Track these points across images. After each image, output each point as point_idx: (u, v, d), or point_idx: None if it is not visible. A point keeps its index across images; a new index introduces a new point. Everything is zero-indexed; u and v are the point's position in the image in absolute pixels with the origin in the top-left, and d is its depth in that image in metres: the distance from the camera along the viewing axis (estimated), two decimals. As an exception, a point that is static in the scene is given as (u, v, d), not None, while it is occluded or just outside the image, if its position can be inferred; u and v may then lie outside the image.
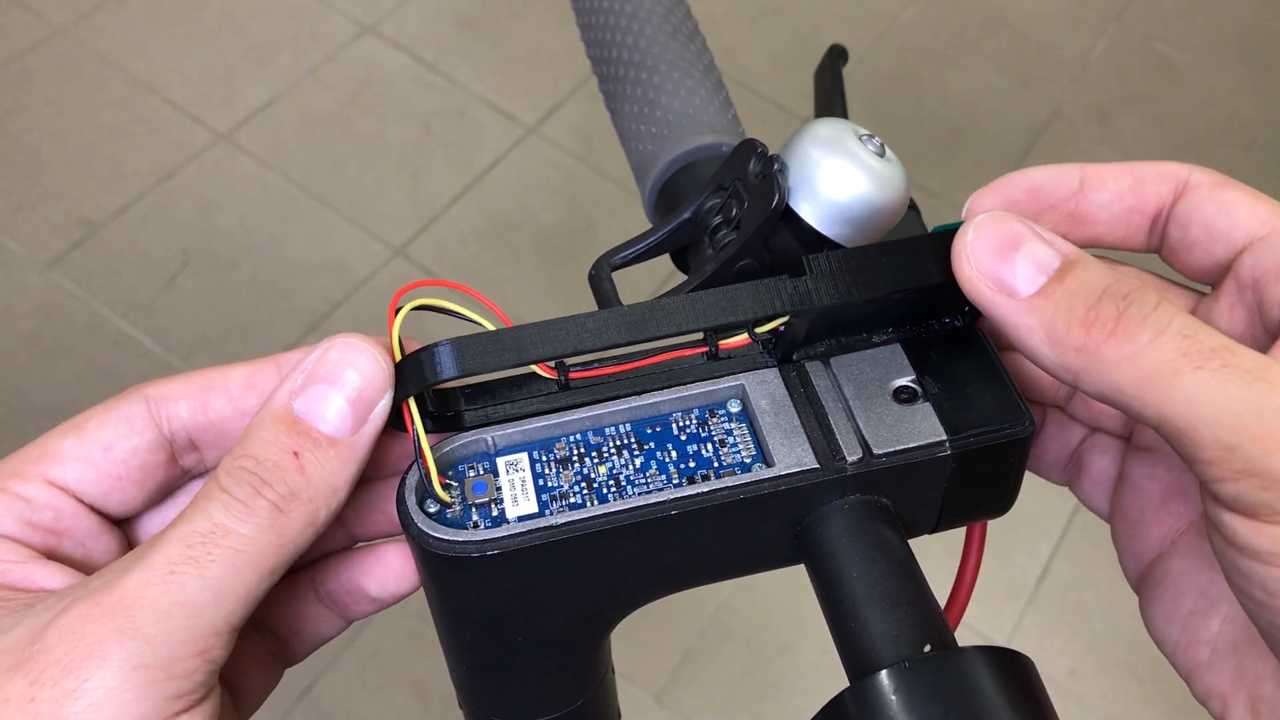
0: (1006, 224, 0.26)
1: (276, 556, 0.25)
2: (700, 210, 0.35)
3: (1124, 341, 0.23)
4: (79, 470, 0.27)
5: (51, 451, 0.27)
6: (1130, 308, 0.24)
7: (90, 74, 1.57)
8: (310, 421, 0.26)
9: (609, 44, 0.43)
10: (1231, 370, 0.22)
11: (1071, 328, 0.24)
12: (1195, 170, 0.29)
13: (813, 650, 1.21)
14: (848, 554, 0.27)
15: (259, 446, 0.25)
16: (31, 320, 1.35)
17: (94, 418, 0.27)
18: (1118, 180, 0.29)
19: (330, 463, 0.26)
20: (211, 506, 0.25)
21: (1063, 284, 0.25)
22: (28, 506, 0.27)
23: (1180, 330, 0.23)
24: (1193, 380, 0.22)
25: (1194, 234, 0.28)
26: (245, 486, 0.25)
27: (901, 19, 1.80)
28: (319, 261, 1.43)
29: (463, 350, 0.26)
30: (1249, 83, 1.80)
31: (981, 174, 1.62)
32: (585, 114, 1.61)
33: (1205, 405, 0.22)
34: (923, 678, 0.23)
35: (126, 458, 0.28)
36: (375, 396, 0.26)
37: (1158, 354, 0.23)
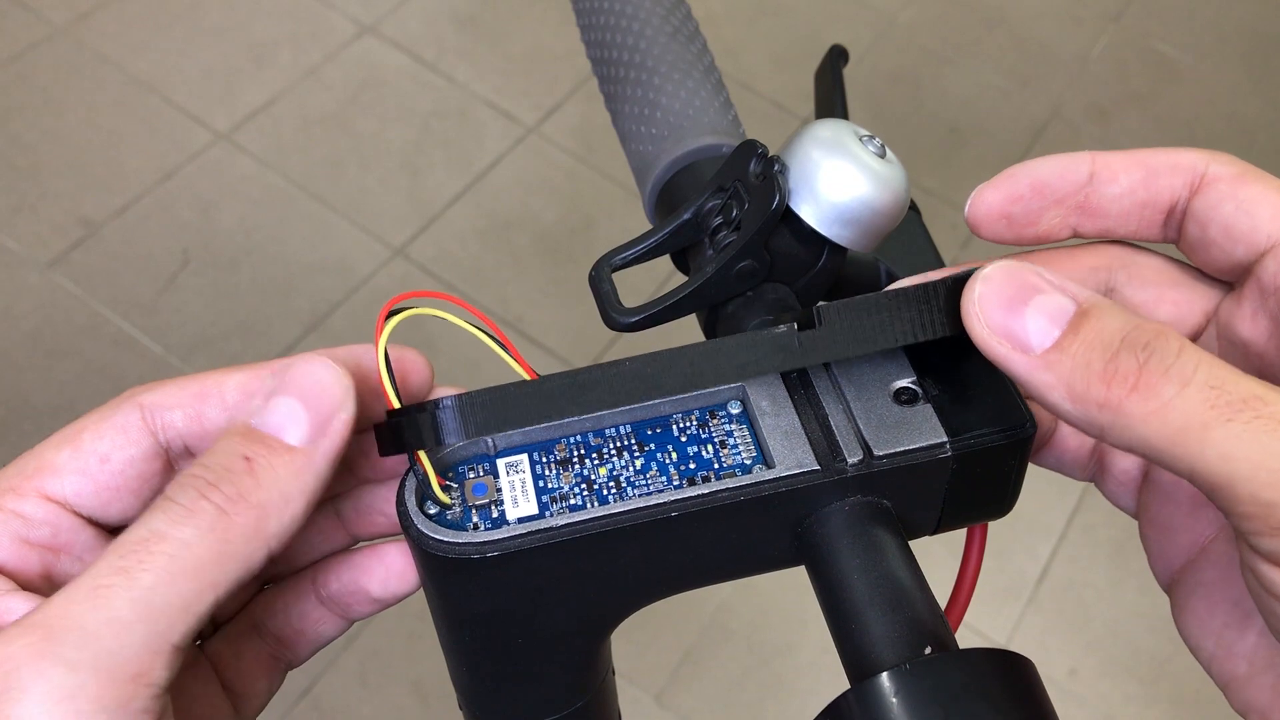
0: (1015, 275, 0.25)
1: (219, 566, 0.23)
2: (701, 211, 0.35)
3: (1148, 396, 0.22)
4: (76, 483, 0.26)
5: (47, 465, 0.26)
6: (1151, 359, 0.22)
7: (90, 74, 1.57)
8: (266, 430, 0.25)
9: (609, 45, 0.43)
10: (1265, 422, 0.21)
11: (1092, 383, 0.23)
12: (1213, 161, 0.27)
13: (813, 651, 1.21)
14: (848, 555, 0.27)
15: (211, 456, 0.24)
16: (31, 320, 1.35)
17: (88, 428, 0.27)
18: (1129, 172, 0.28)
19: (283, 468, 0.24)
20: (151, 515, 0.23)
21: (1078, 336, 0.23)
22: (24, 524, 0.26)
23: (1207, 381, 0.22)
24: (1224, 434, 0.21)
25: (1212, 233, 0.27)
26: (190, 491, 0.23)
27: (901, 19, 1.80)
28: (319, 261, 1.43)
29: (466, 413, 0.25)
30: (1249, 83, 1.80)
31: (981, 173, 1.62)
32: (585, 114, 1.61)
33: (1240, 461, 0.21)
34: (923, 680, 0.23)
35: (124, 468, 0.27)
36: (332, 406, 0.25)
37: (1185, 407, 0.22)
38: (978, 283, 0.25)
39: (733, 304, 0.34)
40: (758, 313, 0.34)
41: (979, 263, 0.30)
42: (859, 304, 0.26)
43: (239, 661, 0.30)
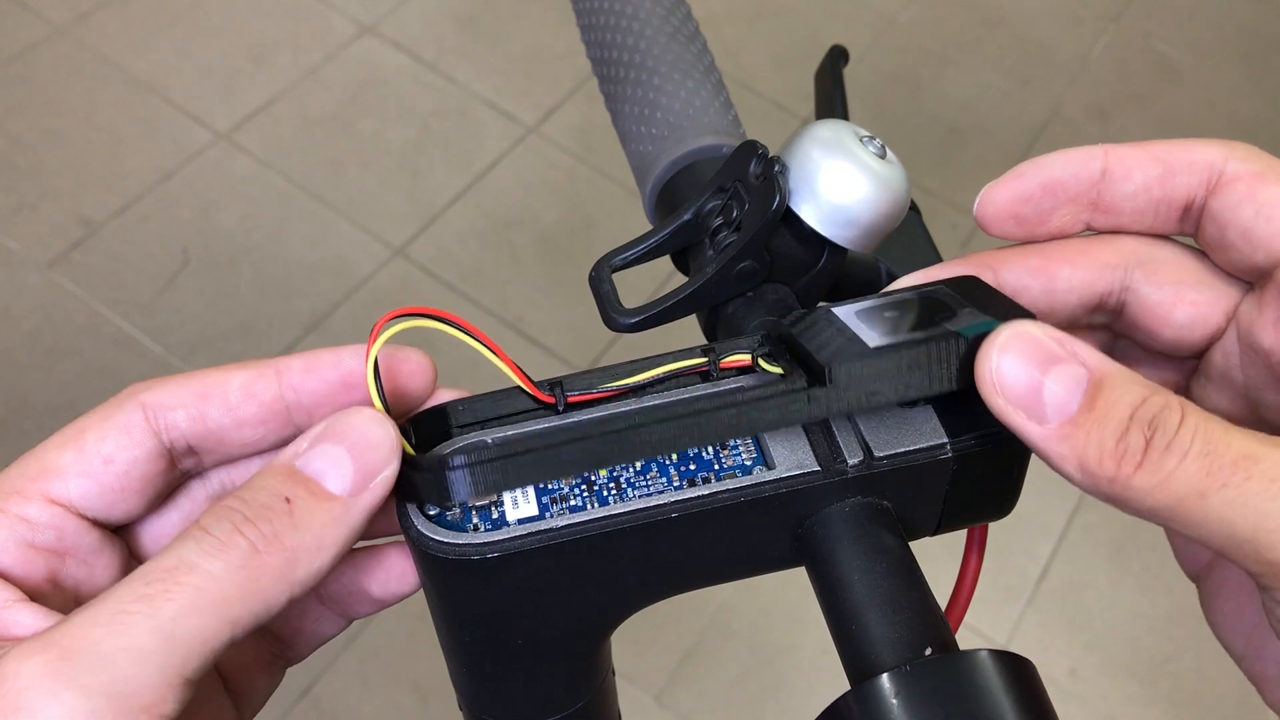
0: (1033, 346, 0.24)
1: (243, 604, 0.23)
2: (701, 211, 0.35)
3: (1152, 472, 0.23)
4: (81, 485, 0.26)
5: (51, 467, 0.26)
6: (1156, 435, 0.23)
7: (90, 74, 1.57)
8: (308, 473, 0.24)
9: (609, 45, 0.43)
10: (1257, 482, 0.22)
11: (1103, 461, 0.23)
12: (1232, 157, 0.27)
13: (813, 651, 1.21)
14: (848, 556, 0.27)
15: (251, 491, 0.24)
16: (31, 320, 1.35)
17: (90, 428, 0.26)
18: (1144, 169, 0.27)
19: (322, 515, 0.24)
20: (182, 544, 0.23)
21: (1093, 412, 0.23)
22: (29, 528, 0.26)
23: (1201, 450, 0.22)
24: (1220, 500, 0.22)
25: (1231, 237, 0.27)
26: (225, 524, 0.23)
27: (901, 19, 1.80)
28: (319, 261, 1.43)
29: (477, 475, 0.25)
30: (1249, 83, 1.80)
31: (982, 173, 1.62)
32: (585, 114, 1.61)
33: (1238, 524, 0.22)
34: (924, 681, 0.23)
35: (127, 469, 0.26)
36: (380, 464, 0.25)
37: (1184, 478, 0.22)
38: (994, 351, 0.25)
39: (733, 304, 0.34)
40: (758, 313, 0.33)
41: (978, 257, 0.30)
42: (871, 362, 0.26)
43: (239, 658, 0.30)
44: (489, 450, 0.25)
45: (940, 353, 0.26)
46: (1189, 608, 1.24)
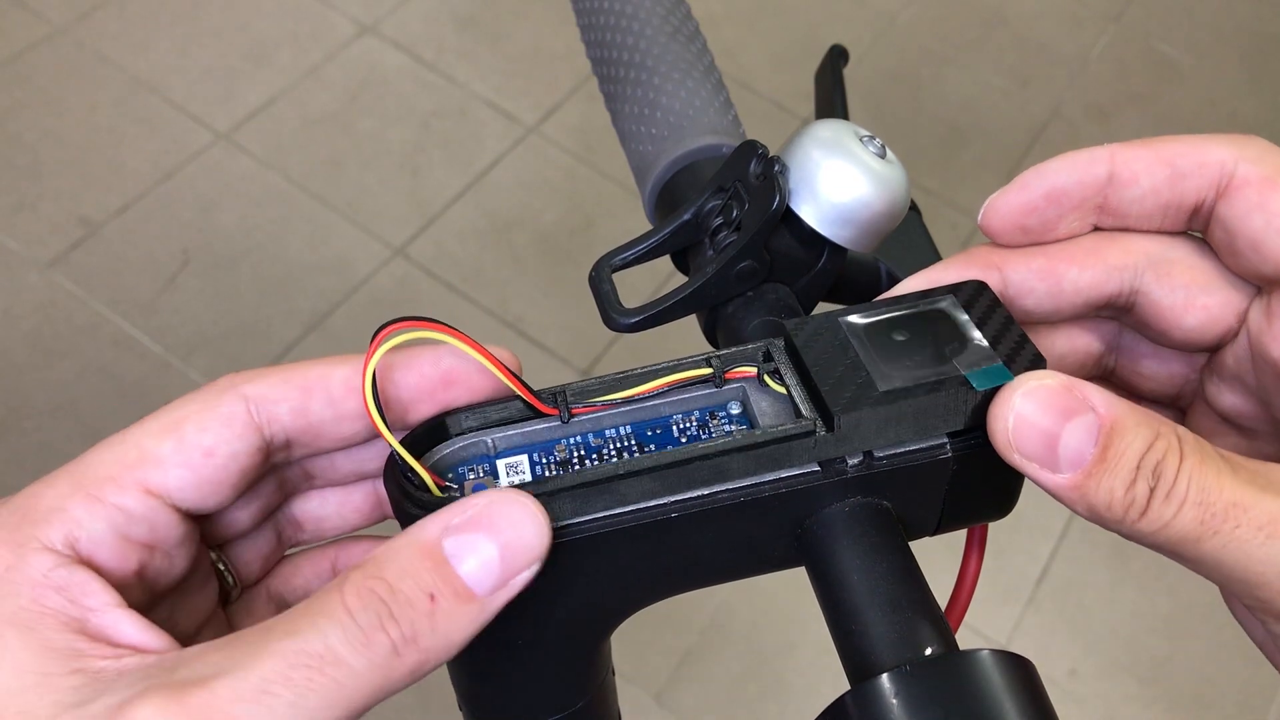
0: (1047, 402, 0.25)
1: (371, 698, 0.23)
2: (701, 211, 0.35)
3: (1154, 519, 0.24)
4: (180, 477, 0.25)
5: (149, 455, 0.25)
6: (1159, 485, 0.24)
7: (90, 74, 1.57)
8: (456, 567, 0.23)
9: (609, 45, 0.43)
10: (1244, 531, 0.23)
11: (1111, 508, 0.24)
12: (1243, 158, 0.26)
13: (813, 651, 1.21)
14: (848, 556, 0.27)
15: (397, 574, 0.23)
16: (31, 320, 1.35)
17: (190, 418, 0.25)
18: (1151, 173, 0.27)
19: (460, 618, 0.23)
20: (330, 627, 0.22)
21: (1104, 464, 0.24)
22: (126, 519, 0.25)
23: (1196, 499, 0.24)
24: (1212, 547, 0.24)
25: (1240, 245, 0.27)
26: (371, 615, 0.22)
27: (901, 19, 1.80)
28: (319, 261, 1.43)
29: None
30: (1249, 83, 1.80)
31: (981, 174, 1.62)
32: (585, 114, 1.61)
33: (1229, 567, 0.24)
34: (924, 681, 0.23)
35: (227, 463, 0.26)
36: (525, 565, 0.24)
37: (1180, 526, 0.24)
38: (1011, 411, 0.25)
39: (733, 304, 0.34)
40: (758, 313, 0.33)
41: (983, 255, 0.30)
42: (880, 409, 0.26)
43: (249, 621, 0.30)
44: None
45: (950, 402, 0.26)
46: (1189, 608, 1.24)
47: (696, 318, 0.36)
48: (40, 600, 0.23)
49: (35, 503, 0.24)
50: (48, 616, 0.23)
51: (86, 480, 0.25)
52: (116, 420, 1.37)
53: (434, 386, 0.27)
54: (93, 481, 0.25)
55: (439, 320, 0.26)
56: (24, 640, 0.22)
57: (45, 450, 1.25)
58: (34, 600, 0.23)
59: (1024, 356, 0.27)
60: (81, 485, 0.25)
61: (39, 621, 0.23)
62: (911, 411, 0.26)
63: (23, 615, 0.23)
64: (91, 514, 0.24)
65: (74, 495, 0.24)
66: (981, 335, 0.27)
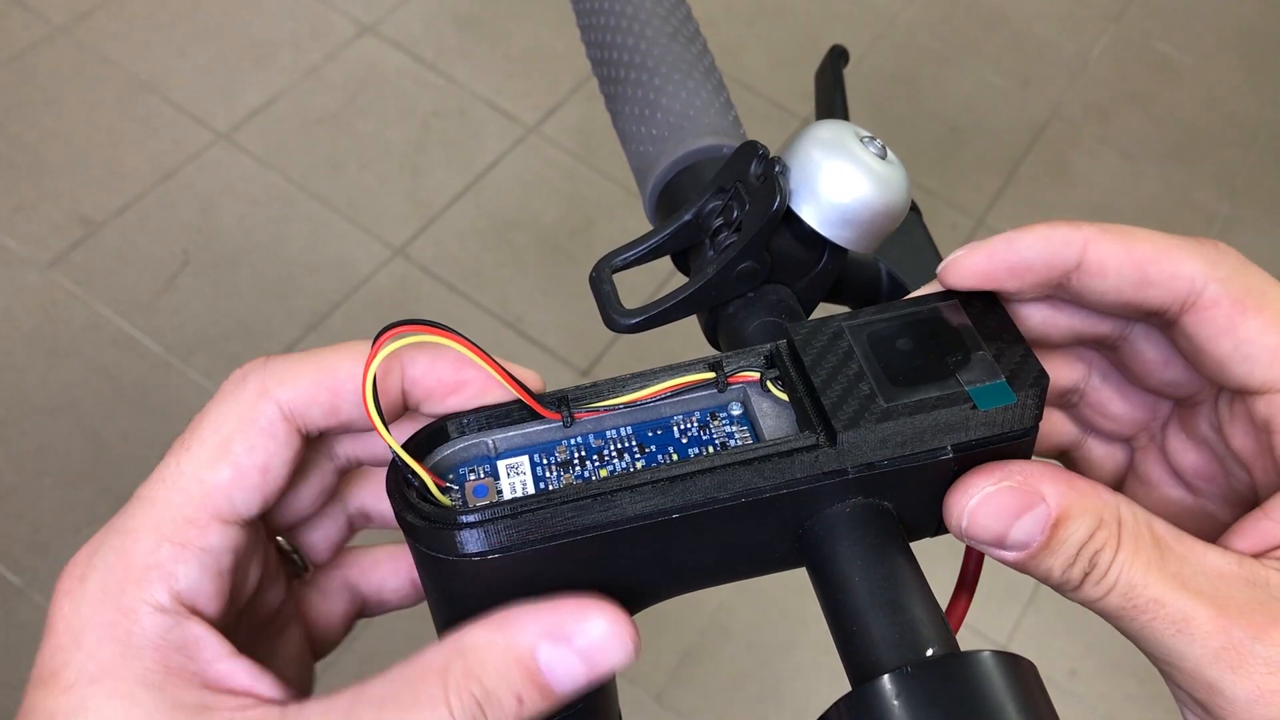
0: (1005, 499, 0.27)
1: None
2: (701, 212, 0.35)
3: (1083, 596, 0.27)
4: (246, 499, 0.27)
5: (212, 487, 0.26)
6: (1092, 571, 0.26)
7: (90, 74, 1.57)
8: (547, 679, 0.25)
9: (610, 45, 0.43)
10: (1159, 624, 0.26)
11: (1049, 579, 0.27)
12: (1213, 277, 0.27)
13: (813, 651, 1.21)
14: (849, 557, 0.27)
15: (494, 679, 0.25)
16: (31, 320, 1.35)
17: (236, 438, 0.27)
18: (1120, 272, 0.27)
19: (540, 709, 0.25)
20: (432, 717, 0.24)
21: (1048, 549, 0.27)
22: (212, 557, 0.26)
23: (1122, 590, 0.26)
24: (1133, 628, 0.26)
25: (1205, 361, 0.28)
26: (467, 714, 0.24)
27: (901, 19, 1.80)
28: (319, 261, 1.43)
29: (490, 531, 0.25)
30: (1249, 83, 1.80)
31: (981, 174, 1.63)
32: (585, 114, 1.61)
33: (1147, 648, 0.27)
34: (925, 682, 0.23)
35: (281, 472, 0.27)
36: (606, 673, 0.26)
37: (1106, 606, 0.27)
38: (967, 498, 0.27)
39: (734, 305, 0.34)
40: (759, 314, 0.33)
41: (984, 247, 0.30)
42: (881, 432, 0.26)
43: (323, 604, 0.32)
44: (501, 507, 0.25)
45: (953, 419, 0.26)
46: (1189, 608, 1.24)
47: (697, 318, 0.36)
48: (164, 661, 0.25)
49: (128, 559, 0.26)
50: (173, 675, 0.25)
51: (166, 527, 0.26)
52: (116, 420, 1.36)
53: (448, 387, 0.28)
54: (172, 527, 0.26)
55: (440, 324, 0.26)
56: (156, 700, 0.24)
57: (45, 450, 1.25)
58: (157, 662, 0.25)
59: (1027, 373, 0.27)
60: (164, 534, 0.26)
61: (166, 681, 0.24)
62: (913, 428, 0.26)
63: (150, 676, 0.24)
64: (184, 562, 0.26)
65: (161, 546, 0.26)
66: (986, 348, 0.27)
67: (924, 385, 0.27)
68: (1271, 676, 0.25)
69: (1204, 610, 0.25)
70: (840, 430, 0.26)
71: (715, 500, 0.26)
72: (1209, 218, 1.64)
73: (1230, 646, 0.25)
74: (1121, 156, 1.67)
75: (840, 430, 0.26)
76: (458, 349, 0.26)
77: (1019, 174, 1.62)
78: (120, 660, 0.24)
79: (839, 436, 0.26)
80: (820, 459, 0.26)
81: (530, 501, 0.25)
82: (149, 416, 1.28)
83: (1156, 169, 1.67)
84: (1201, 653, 0.25)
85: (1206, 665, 0.25)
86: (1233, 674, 0.25)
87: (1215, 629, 0.25)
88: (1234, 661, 0.25)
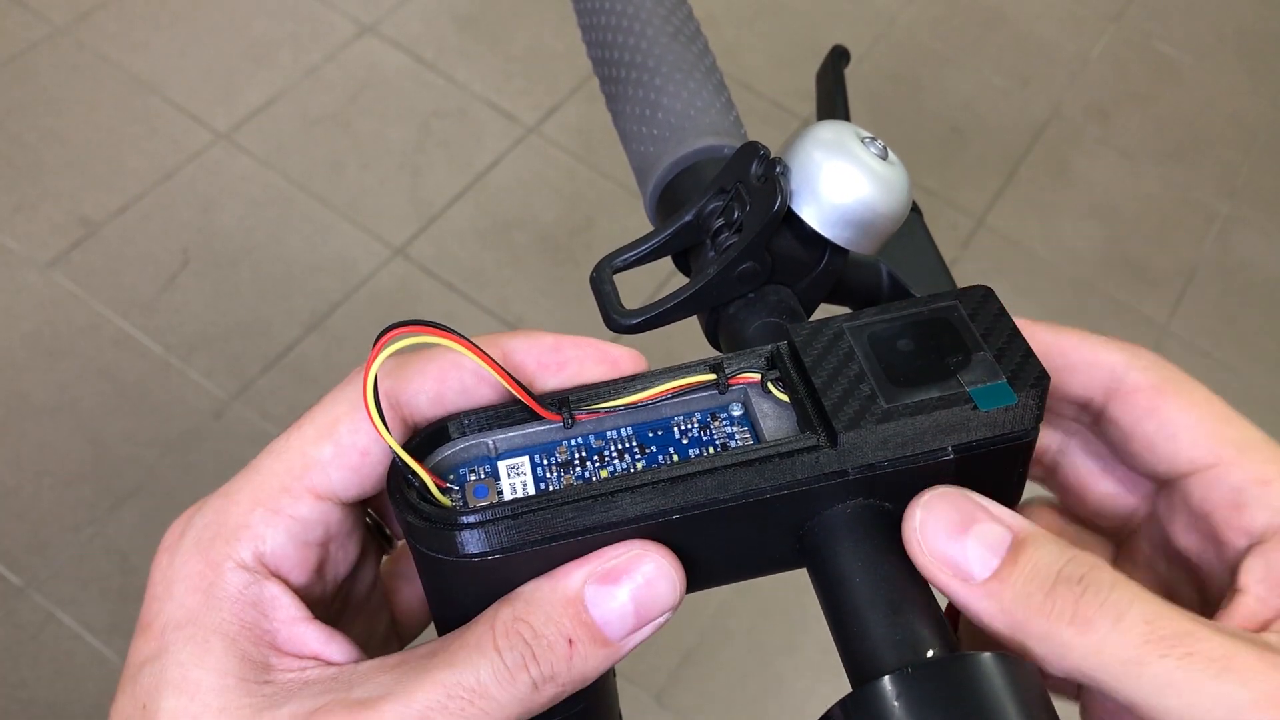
0: (955, 503, 0.26)
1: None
2: (702, 212, 0.35)
3: (1084, 630, 0.23)
4: (343, 479, 0.27)
5: (312, 461, 0.27)
6: (1087, 593, 0.23)
7: (90, 74, 1.57)
8: (594, 615, 0.26)
9: (610, 45, 0.43)
10: (1196, 660, 0.22)
11: (1030, 615, 0.24)
12: (1133, 366, 0.27)
13: (813, 651, 1.21)
14: (850, 558, 0.26)
15: (542, 620, 0.25)
16: (31, 320, 1.35)
17: (342, 419, 0.27)
18: (1047, 357, 0.28)
19: (594, 659, 0.26)
20: (481, 663, 0.25)
21: (1016, 566, 0.24)
22: (303, 527, 0.27)
23: (1141, 616, 0.22)
24: (1158, 671, 0.22)
25: (1135, 448, 0.28)
26: (517, 654, 0.25)
27: (901, 19, 1.80)
28: (319, 261, 1.43)
29: (491, 533, 0.25)
30: (1249, 83, 1.80)
31: (981, 174, 1.63)
32: (585, 114, 1.61)
33: (1173, 699, 0.22)
34: (925, 683, 0.23)
35: (382, 458, 0.27)
36: (658, 615, 0.26)
37: (1120, 641, 0.22)
38: (917, 509, 0.26)
39: (734, 306, 0.34)
40: (759, 315, 0.33)
41: None
42: (881, 433, 0.26)
43: (407, 588, 0.33)
44: (502, 508, 0.25)
45: (954, 420, 0.26)
46: (1189, 608, 1.24)
47: (698, 319, 0.36)
48: (239, 615, 0.26)
49: (223, 518, 0.27)
50: (246, 629, 0.26)
51: (263, 494, 0.27)
52: (116, 420, 1.36)
53: (549, 369, 0.29)
54: (268, 495, 0.27)
55: (441, 325, 0.26)
56: (227, 648, 0.25)
57: (45, 450, 1.25)
58: (234, 615, 0.26)
59: (1028, 373, 0.27)
60: (259, 499, 0.27)
61: (240, 634, 0.26)
62: (914, 429, 0.26)
63: (225, 626, 0.26)
64: (273, 527, 0.27)
65: (255, 510, 0.27)
66: (987, 349, 0.27)
67: (925, 386, 0.27)
68: None
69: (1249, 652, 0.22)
70: (841, 431, 0.26)
71: (716, 501, 0.26)
72: (1209, 218, 1.64)
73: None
74: (1121, 156, 1.67)
75: (841, 431, 0.26)
76: (459, 349, 0.26)
77: (1019, 174, 1.62)
78: (202, 609, 0.26)
79: (840, 437, 0.26)
80: (821, 460, 0.26)
81: (531, 502, 0.25)
82: (149, 416, 1.28)
83: (1156, 169, 1.67)
84: (1251, 697, 0.21)
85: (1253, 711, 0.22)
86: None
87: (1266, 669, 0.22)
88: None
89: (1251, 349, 1.53)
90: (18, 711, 1.10)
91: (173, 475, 1.23)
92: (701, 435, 0.28)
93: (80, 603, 1.16)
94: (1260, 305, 1.57)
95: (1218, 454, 0.26)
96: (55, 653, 1.13)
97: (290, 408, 1.30)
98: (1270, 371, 1.51)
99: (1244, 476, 0.26)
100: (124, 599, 1.16)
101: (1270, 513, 0.25)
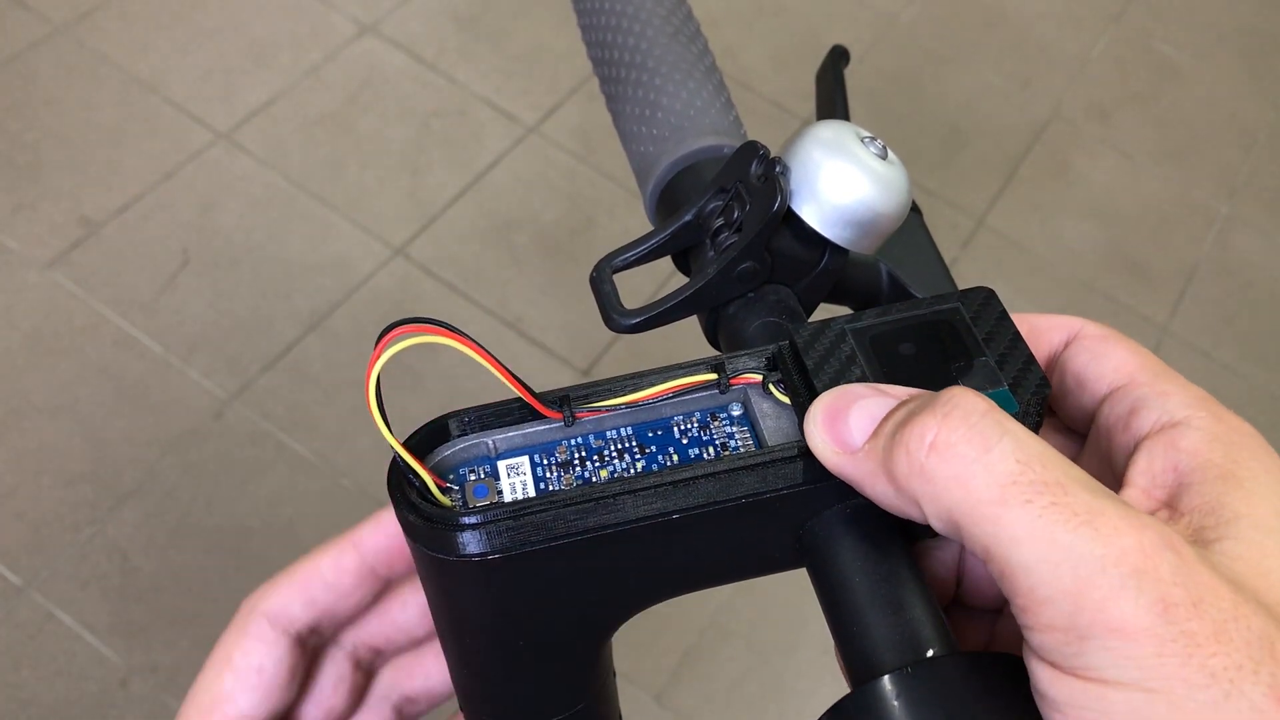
0: (843, 390, 0.25)
1: None
2: (702, 212, 0.35)
3: (948, 457, 0.21)
4: (249, 699, 0.31)
5: (219, 695, 0.31)
6: (952, 414, 0.21)
7: (90, 74, 1.57)
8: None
9: (610, 45, 0.43)
10: (1059, 511, 0.20)
11: (898, 456, 0.22)
12: (1089, 324, 0.29)
13: (813, 651, 1.21)
14: (850, 558, 0.27)
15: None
16: (31, 320, 1.35)
17: (235, 649, 0.31)
18: (1025, 326, 0.29)
19: None
20: None
21: (892, 419, 0.23)
22: None
23: (1012, 453, 0.21)
24: (1018, 516, 0.20)
25: (1068, 382, 0.28)
26: None
27: (902, 19, 1.80)
28: (319, 261, 1.43)
29: (491, 534, 0.25)
30: (1249, 83, 1.80)
31: (981, 174, 1.62)
32: (585, 114, 1.61)
33: (1025, 547, 0.20)
34: (925, 683, 0.23)
35: (275, 669, 0.31)
36: None
37: (985, 476, 0.21)
38: (816, 403, 0.26)
39: (734, 305, 0.34)
40: (759, 314, 0.33)
41: None
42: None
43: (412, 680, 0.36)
44: (503, 510, 0.25)
45: None
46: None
47: (698, 318, 0.36)
48: None
49: None
50: None
51: None
52: (116, 420, 1.36)
53: (402, 543, 0.33)
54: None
55: (444, 324, 0.26)
56: None
57: (45, 450, 1.25)
58: None
59: (1030, 381, 0.27)
60: None
61: None
62: None
63: None
64: None
65: None
66: (988, 353, 0.27)
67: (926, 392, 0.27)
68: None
69: (1116, 511, 0.20)
70: None
71: (717, 502, 0.26)
72: (1209, 218, 1.64)
73: None
74: (1121, 156, 1.67)
75: None
76: (461, 349, 0.26)
77: (1019, 174, 1.62)
78: None
79: None
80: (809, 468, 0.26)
81: (532, 504, 0.25)
82: (149, 416, 1.28)
83: (1156, 169, 1.67)
84: (1105, 554, 0.20)
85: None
86: None
87: (1127, 529, 0.20)
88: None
89: (1251, 349, 1.53)
90: (17, 711, 1.10)
91: (173, 475, 1.23)
92: (701, 435, 0.28)
93: (80, 603, 1.16)
94: (1260, 305, 1.57)
95: (1134, 377, 0.27)
96: (55, 653, 1.13)
97: (290, 408, 1.30)
98: (1270, 371, 1.51)
99: (1147, 391, 0.26)
100: (124, 599, 1.16)
101: (1159, 413, 0.25)
